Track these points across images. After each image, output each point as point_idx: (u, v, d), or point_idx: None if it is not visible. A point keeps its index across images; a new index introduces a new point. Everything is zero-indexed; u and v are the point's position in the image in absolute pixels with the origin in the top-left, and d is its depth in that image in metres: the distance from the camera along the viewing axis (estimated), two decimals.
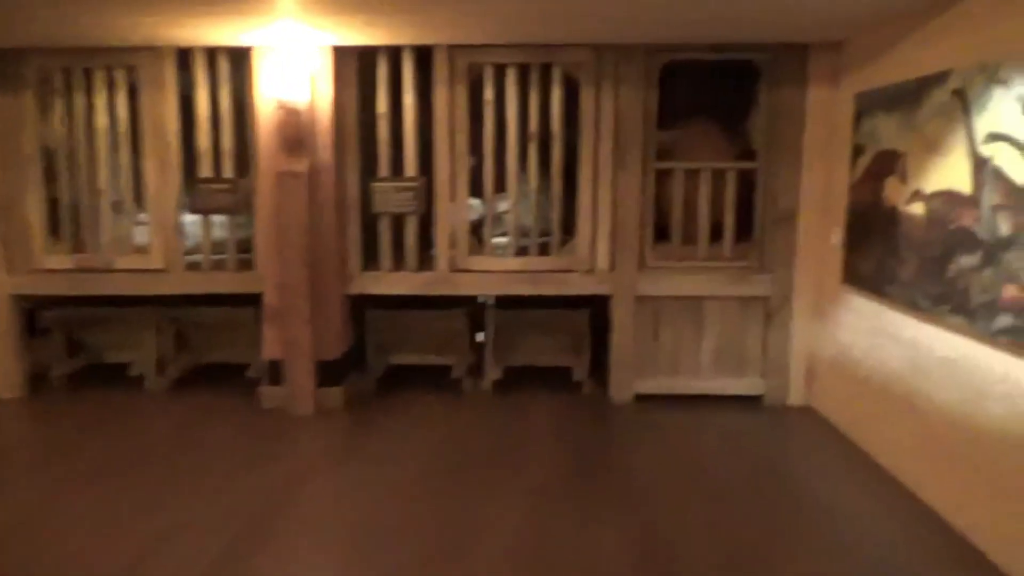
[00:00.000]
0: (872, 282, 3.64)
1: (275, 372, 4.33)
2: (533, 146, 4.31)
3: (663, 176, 4.37)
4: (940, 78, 3.06)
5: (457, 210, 4.38)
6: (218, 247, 4.48)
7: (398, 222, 4.43)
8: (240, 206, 4.38)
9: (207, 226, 4.43)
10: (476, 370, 4.84)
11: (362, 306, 4.66)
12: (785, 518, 3.09)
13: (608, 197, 4.33)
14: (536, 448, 3.82)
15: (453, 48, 4.23)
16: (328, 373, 4.33)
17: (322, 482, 3.50)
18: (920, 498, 3.20)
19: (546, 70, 4.28)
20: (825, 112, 4.18)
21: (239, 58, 4.29)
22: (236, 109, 4.36)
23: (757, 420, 4.26)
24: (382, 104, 4.28)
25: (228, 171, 4.37)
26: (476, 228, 5.11)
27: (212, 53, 4.31)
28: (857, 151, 3.84)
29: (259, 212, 4.29)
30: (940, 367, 3.07)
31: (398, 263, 4.48)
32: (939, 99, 3.06)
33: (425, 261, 4.52)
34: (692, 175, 4.34)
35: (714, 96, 5.29)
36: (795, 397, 4.42)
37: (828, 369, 4.21)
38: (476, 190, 4.60)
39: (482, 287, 4.41)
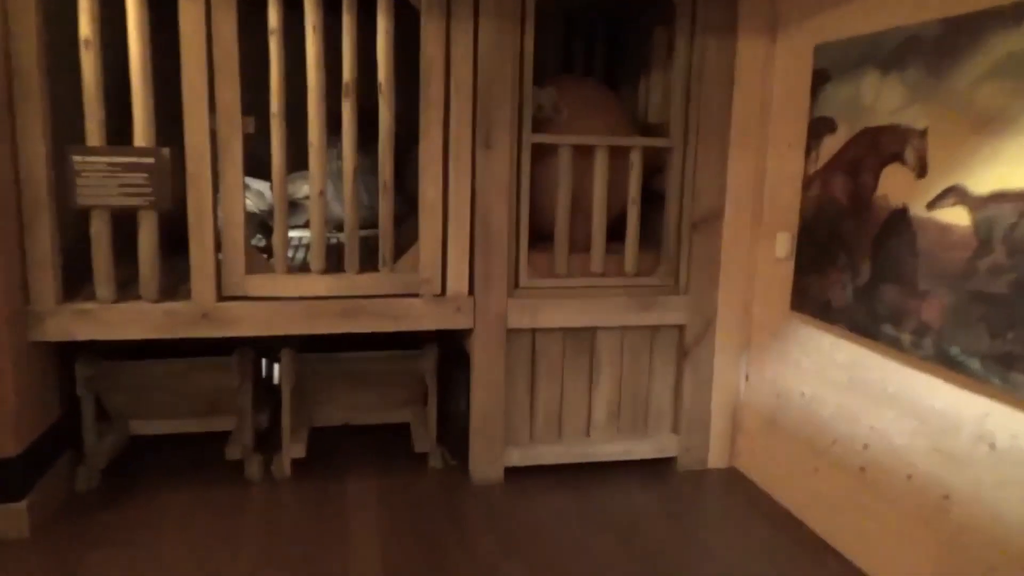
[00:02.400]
0: (850, 315, 2.53)
1: None
2: (349, 104, 2.76)
3: (540, 155, 3.01)
4: (1008, 16, 1.94)
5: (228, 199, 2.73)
6: None
7: (124, 222, 2.71)
8: None
9: None
10: (266, 439, 3.25)
11: (72, 355, 2.89)
12: None
13: (465, 184, 2.90)
14: None
15: None
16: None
17: None
18: None
19: None
20: (762, 73, 3.03)
21: None
22: None
23: (669, 495, 3.07)
24: (84, 24, 2.52)
25: None
26: (262, 228, 3.49)
27: None
28: (820, 128, 2.71)
29: None
30: (1002, 462, 1.99)
31: (126, 289, 2.76)
32: (1007, 48, 1.95)
33: (174, 285, 2.84)
34: (583, 155, 3.02)
35: (593, 46, 4.03)
36: (718, 458, 3.29)
37: (767, 424, 3.10)
38: (259, 169, 3.00)
39: (269, 324, 2.80)
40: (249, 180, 3.85)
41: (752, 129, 3.05)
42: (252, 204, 3.80)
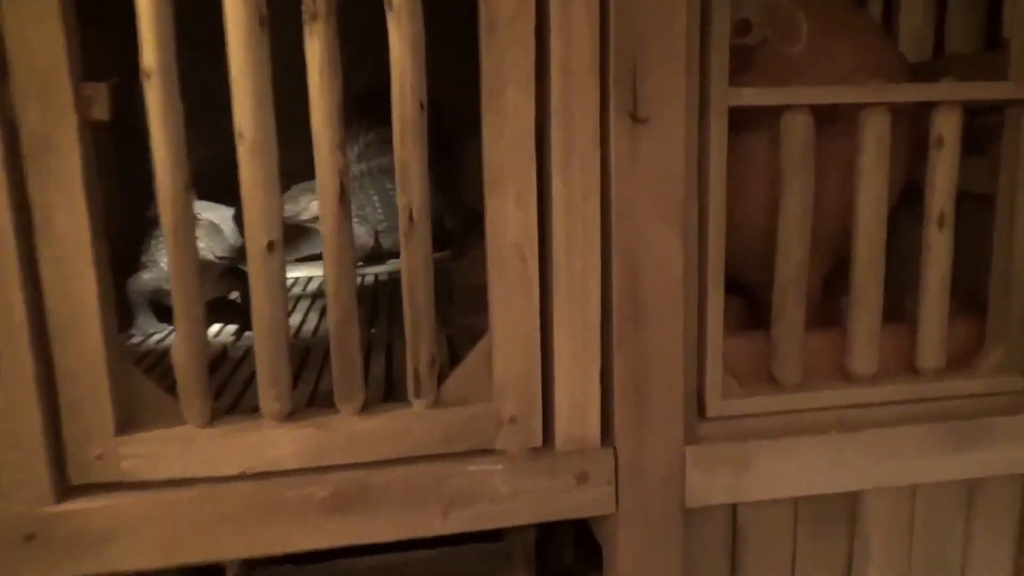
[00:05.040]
0: None
1: None
2: (318, 35, 1.20)
3: (742, 128, 1.41)
4: None
5: None
6: None
7: None
8: None
9: None
10: None
11: None
12: None
13: (589, 199, 1.32)
14: None
15: None
16: None
17: None
18: None
19: None
20: None
21: None
22: None
23: None
24: None
25: None
26: (235, 281, 2.07)
27: None
28: None
29: None
30: None
31: None
32: None
33: None
34: (831, 123, 1.41)
35: None
36: None
37: None
38: (222, 188, 1.47)
39: (172, 542, 1.28)
40: (202, 206, 2.36)
41: None
42: (206, 247, 2.30)
